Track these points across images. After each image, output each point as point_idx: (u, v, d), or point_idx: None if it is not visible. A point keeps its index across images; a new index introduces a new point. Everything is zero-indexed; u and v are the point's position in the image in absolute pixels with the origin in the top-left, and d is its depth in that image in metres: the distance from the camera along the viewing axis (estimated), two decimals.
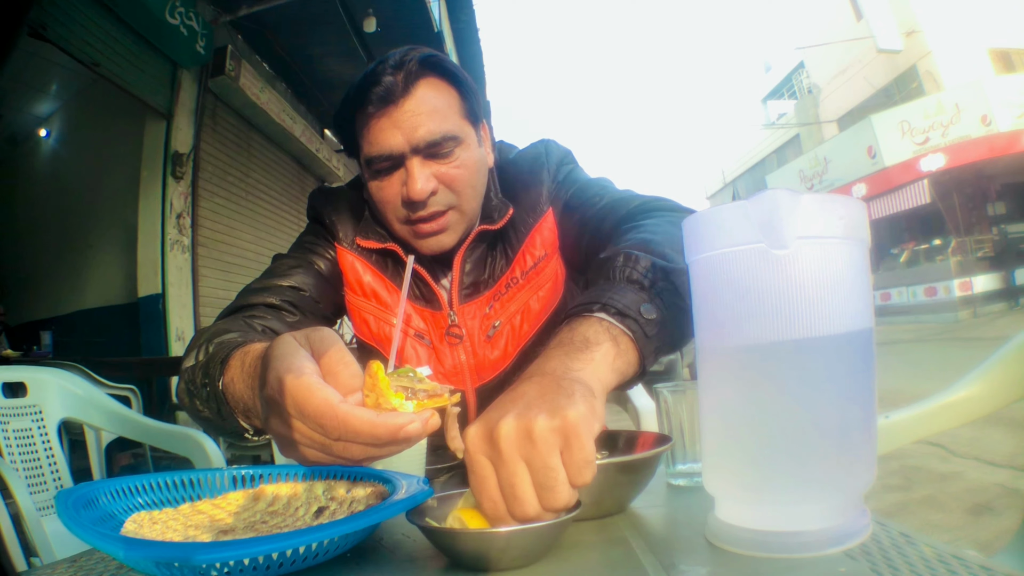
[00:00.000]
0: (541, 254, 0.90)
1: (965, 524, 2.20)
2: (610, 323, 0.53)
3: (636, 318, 0.53)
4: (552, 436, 0.41)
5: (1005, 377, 0.87)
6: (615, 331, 0.52)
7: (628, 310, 0.53)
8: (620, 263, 0.59)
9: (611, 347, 0.51)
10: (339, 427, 0.40)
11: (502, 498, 0.42)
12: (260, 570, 0.42)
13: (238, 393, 0.59)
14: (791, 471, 0.40)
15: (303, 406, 0.41)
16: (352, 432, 0.40)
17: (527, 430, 0.41)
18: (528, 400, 0.44)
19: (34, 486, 1.29)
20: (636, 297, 0.55)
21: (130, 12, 3.83)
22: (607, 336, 0.52)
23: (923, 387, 2.60)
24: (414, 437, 0.41)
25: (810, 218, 0.39)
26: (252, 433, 0.64)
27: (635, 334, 0.53)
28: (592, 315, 0.53)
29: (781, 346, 0.39)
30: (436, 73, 0.83)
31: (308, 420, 0.41)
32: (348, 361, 0.45)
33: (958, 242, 12.69)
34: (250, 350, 0.60)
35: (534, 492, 0.41)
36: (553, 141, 0.98)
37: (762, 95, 22.05)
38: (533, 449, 0.41)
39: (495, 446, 0.42)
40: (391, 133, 0.80)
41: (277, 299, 0.85)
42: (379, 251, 0.91)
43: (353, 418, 0.40)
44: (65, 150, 5.43)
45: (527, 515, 0.41)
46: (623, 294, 0.55)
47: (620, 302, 0.54)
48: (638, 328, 0.53)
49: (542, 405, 0.43)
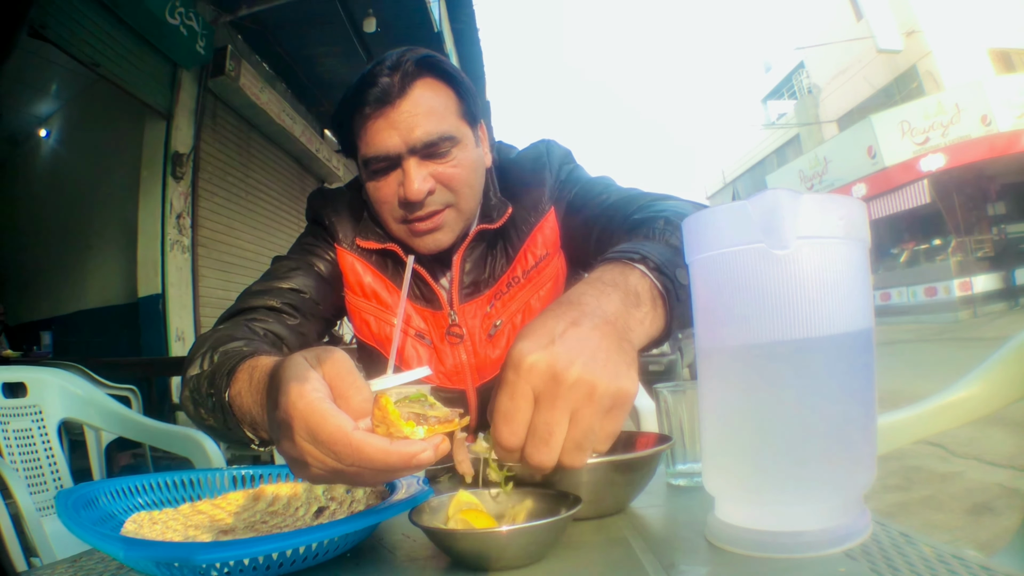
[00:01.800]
0: (543, 253, 0.90)
1: (965, 524, 2.20)
2: (652, 281, 0.52)
3: (672, 279, 0.53)
4: (608, 401, 0.41)
5: (1005, 377, 0.87)
6: (655, 292, 0.52)
7: (666, 268, 0.53)
8: (661, 226, 0.60)
9: (651, 309, 0.51)
10: (352, 455, 0.39)
11: (523, 434, 0.41)
12: (260, 570, 0.42)
13: (245, 406, 0.59)
14: (791, 471, 0.40)
15: (316, 432, 0.40)
16: (366, 460, 0.39)
17: (593, 386, 0.41)
18: (594, 350, 0.42)
19: (34, 486, 1.29)
20: (674, 260, 0.55)
21: (130, 12, 3.83)
22: (650, 296, 0.51)
23: (923, 387, 2.60)
24: (426, 465, 0.41)
25: (810, 218, 0.39)
26: (258, 444, 0.64)
27: (669, 295, 0.53)
28: (635, 265, 0.53)
29: (781, 346, 0.39)
30: (433, 74, 0.83)
31: (321, 446, 0.40)
32: (360, 385, 0.45)
33: (958, 242, 12.69)
34: (258, 364, 0.59)
35: (563, 442, 0.41)
36: (554, 141, 0.98)
37: (762, 95, 22.04)
38: (589, 406, 0.41)
39: (557, 384, 0.41)
40: (388, 134, 0.80)
41: (278, 301, 0.85)
42: (379, 251, 0.91)
43: (367, 446, 0.39)
44: (65, 150, 5.43)
45: (544, 463, 0.41)
46: (663, 253, 0.55)
47: (659, 259, 0.54)
48: (672, 290, 0.53)
49: (608, 364, 0.42)
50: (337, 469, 0.41)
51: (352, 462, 0.40)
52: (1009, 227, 13.09)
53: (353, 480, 0.42)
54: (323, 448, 0.41)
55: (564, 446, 0.41)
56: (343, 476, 0.42)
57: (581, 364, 0.41)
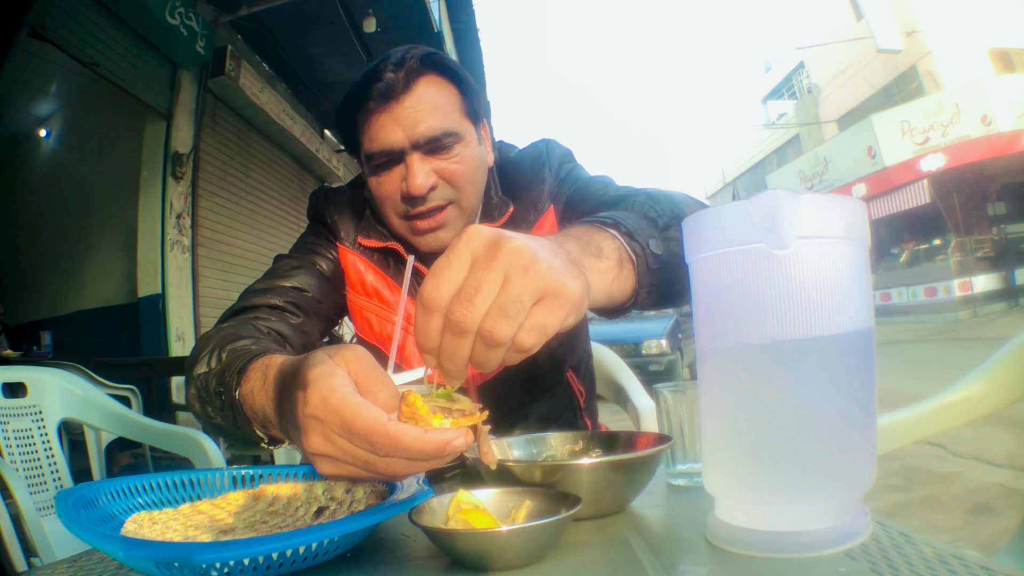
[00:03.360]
0: None
1: (965, 524, 2.20)
2: (620, 243, 0.53)
3: (643, 245, 0.54)
4: (543, 281, 0.39)
5: (1005, 377, 0.87)
6: (623, 253, 0.53)
7: (637, 235, 0.54)
8: (641, 200, 0.61)
9: (615, 266, 0.52)
10: (390, 444, 0.40)
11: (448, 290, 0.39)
12: (260, 570, 0.42)
13: (258, 405, 0.59)
14: (791, 471, 0.40)
15: (352, 425, 0.40)
16: (402, 448, 0.40)
17: (531, 257, 0.40)
18: (543, 245, 0.42)
19: (34, 486, 1.29)
20: (647, 230, 0.56)
21: (130, 12, 3.83)
22: (616, 255, 0.52)
23: (923, 387, 2.60)
24: (459, 451, 0.42)
25: (810, 218, 0.39)
26: (267, 442, 0.64)
27: (638, 259, 0.53)
28: (606, 228, 0.54)
29: (781, 346, 0.39)
30: (437, 71, 0.84)
31: (357, 438, 0.41)
32: (386, 381, 0.45)
33: (958, 242, 12.69)
34: (271, 363, 0.59)
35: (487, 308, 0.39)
36: (554, 140, 0.98)
37: (762, 95, 22.04)
38: (523, 276, 0.39)
39: (496, 248, 0.40)
40: (392, 129, 0.81)
41: (280, 300, 0.86)
42: (381, 250, 0.92)
43: (404, 435, 0.40)
44: (65, 150, 5.43)
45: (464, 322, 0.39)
46: (637, 222, 0.56)
47: (631, 225, 0.55)
48: (642, 255, 0.54)
49: (554, 259, 0.42)
50: (369, 461, 0.42)
51: (388, 452, 0.40)
52: (1009, 227, 13.09)
53: (385, 471, 0.42)
54: (358, 440, 0.41)
55: (489, 310, 0.39)
56: (374, 468, 0.42)
57: (523, 240, 0.40)
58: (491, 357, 0.40)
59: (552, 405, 0.94)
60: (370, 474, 0.44)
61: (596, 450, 0.65)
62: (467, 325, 0.39)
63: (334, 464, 0.44)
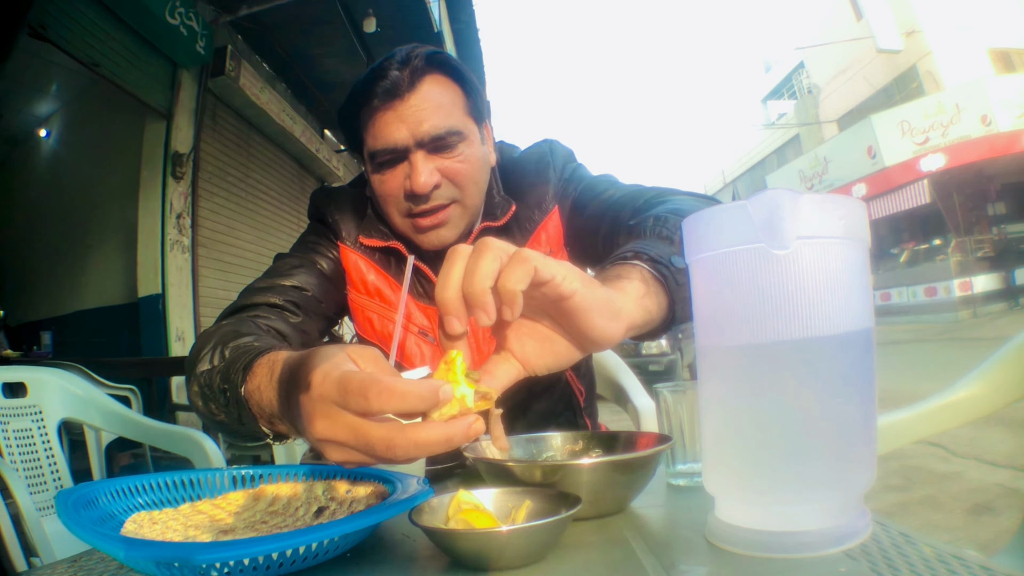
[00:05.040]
0: (547, 251, 0.90)
1: (965, 524, 2.20)
2: (643, 268, 0.54)
3: (667, 265, 0.55)
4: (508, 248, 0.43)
5: (1005, 377, 0.87)
6: (647, 274, 0.54)
7: (660, 258, 0.55)
8: (650, 224, 0.62)
9: (640, 284, 0.52)
10: (383, 392, 0.39)
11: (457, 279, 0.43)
12: (260, 570, 0.42)
13: (264, 400, 0.58)
14: (791, 471, 0.40)
15: (348, 384, 0.40)
16: (398, 395, 0.38)
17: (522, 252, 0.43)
18: None
19: (34, 486, 1.29)
20: (667, 249, 0.57)
21: (130, 12, 3.83)
22: (638, 275, 0.53)
23: (923, 387, 2.60)
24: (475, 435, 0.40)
25: (810, 218, 0.39)
26: (273, 438, 0.63)
27: (667, 279, 0.54)
28: (626, 262, 0.55)
29: (781, 346, 0.39)
30: (441, 70, 0.84)
31: (352, 398, 0.39)
32: (394, 371, 0.45)
33: (958, 242, 12.69)
34: (278, 358, 0.58)
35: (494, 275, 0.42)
36: (556, 141, 0.98)
37: (762, 95, 22.06)
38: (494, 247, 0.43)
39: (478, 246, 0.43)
40: (396, 127, 0.81)
41: (280, 299, 0.86)
42: (382, 249, 0.92)
43: (398, 381, 0.39)
44: (65, 150, 5.43)
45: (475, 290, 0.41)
46: (654, 246, 0.57)
47: (651, 251, 0.56)
48: (669, 275, 0.54)
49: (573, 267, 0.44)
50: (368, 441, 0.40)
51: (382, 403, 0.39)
52: (1009, 227, 13.10)
53: (384, 455, 0.40)
54: (353, 401, 0.39)
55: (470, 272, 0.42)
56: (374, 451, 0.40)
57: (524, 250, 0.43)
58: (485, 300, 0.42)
59: (551, 404, 0.94)
60: (373, 457, 0.42)
61: (596, 450, 0.65)
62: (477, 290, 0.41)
63: (340, 449, 0.43)
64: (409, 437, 0.40)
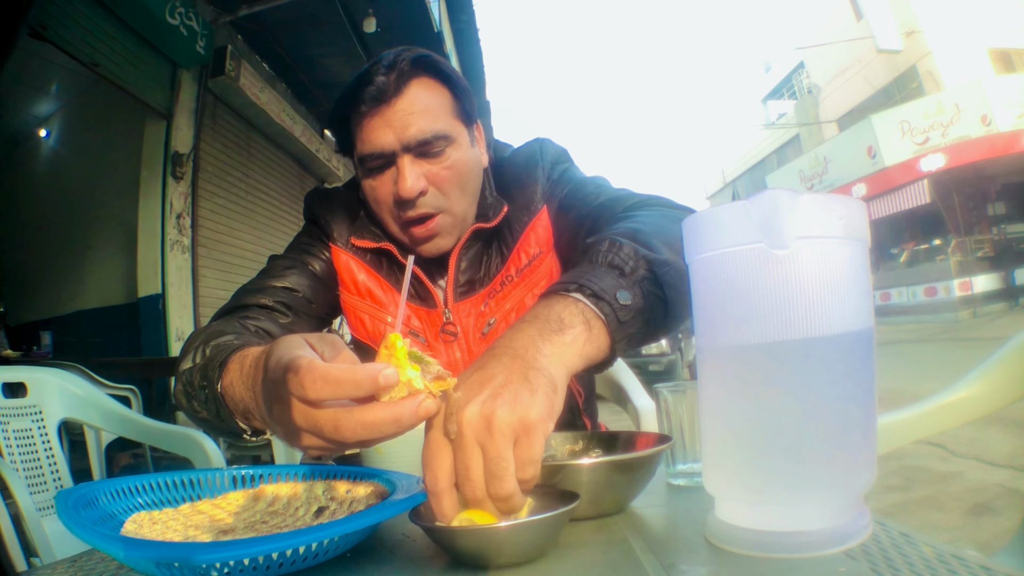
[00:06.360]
0: (536, 252, 0.90)
1: (965, 524, 2.20)
2: (585, 305, 0.53)
3: (611, 302, 0.54)
4: (509, 430, 0.44)
5: (1005, 377, 0.87)
6: (589, 314, 0.53)
7: (604, 293, 0.54)
8: (604, 248, 0.60)
9: (583, 331, 0.52)
10: (318, 379, 0.40)
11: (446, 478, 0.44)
12: (260, 570, 0.42)
13: (237, 395, 0.59)
14: (791, 471, 0.40)
15: (290, 369, 0.41)
16: (332, 381, 0.39)
17: (488, 420, 0.44)
18: (495, 387, 0.45)
19: (34, 486, 1.29)
20: (614, 283, 0.56)
21: (130, 12, 3.83)
22: (581, 319, 0.52)
23: (923, 387, 2.60)
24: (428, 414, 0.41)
25: (810, 218, 0.39)
26: (251, 434, 0.64)
27: (608, 318, 0.53)
28: (568, 295, 0.54)
29: (781, 346, 0.39)
30: (428, 73, 0.84)
31: (293, 383, 0.41)
32: (353, 358, 0.46)
33: (958, 242, 12.69)
34: (248, 353, 0.60)
35: (483, 477, 0.44)
36: (548, 140, 0.98)
37: (762, 95, 22.04)
38: (490, 439, 0.43)
39: (462, 427, 0.44)
40: (383, 132, 0.81)
41: (271, 300, 0.86)
42: (374, 250, 0.92)
43: (333, 368, 0.40)
44: (65, 150, 5.42)
45: (475, 496, 0.44)
46: (602, 278, 0.56)
47: (597, 284, 0.54)
48: (611, 313, 0.54)
49: (505, 396, 0.45)
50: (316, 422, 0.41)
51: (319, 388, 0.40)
52: (1009, 227, 13.10)
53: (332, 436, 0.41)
54: (296, 386, 0.41)
55: (485, 479, 0.44)
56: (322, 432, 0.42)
57: (476, 403, 0.44)
58: (513, 503, 0.44)
59: None
60: (323, 439, 0.43)
61: (596, 450, 0.65)
62: (478, 496, 0.44)
63: (295, 433, 0.44)
64: (355, 417, 0.41)
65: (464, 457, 0.44)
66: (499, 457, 0.43)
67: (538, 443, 0.44)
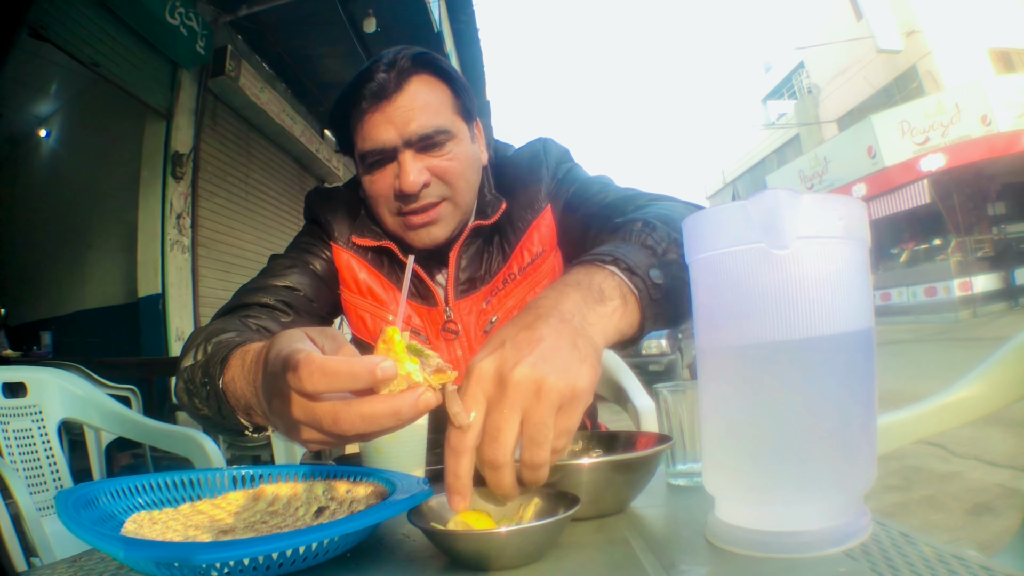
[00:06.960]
0: (539, 250, 0.90)
1: (965, 524, 2.20)
2: (621, 279, 0.54)
3: (644, 279, 0.55)
4: (558, 397, 0.43)
5: (1005, 377, 0.87)
6: (625, 288, 0.54)
7: (638, 269, 0.55)
8: (638, 228, 0.62)
9: (620, 304, 0.52)
10: (315, 371, 0.39)
11: (475, 436, 0.43)
12: (260, 570, 0.42)
13: (239, 391, 0.60)
14: (791, 471, 0.40)
15: (288, 363, 0.40)
16: (329, 373, 0.39)
17: (539, 384, 0.43)
18: (545, 349, 0.44)
19: (34, 486, 1.29)
20: (647, 260, 0.56)
21: (130, 12, 3.83)
22: (619, 293, 0.53)
23: (923, 387, 2.60)
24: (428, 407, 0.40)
25: (810, 218, 0.39)
26: (252, 430, 0.64)
27: (640, 294, 0.54)
28: (605, 266, 0.55)
29: (781, 346, 0.39)
30: (428, 70, 0.85)
31: (291, 376, 0.40)
32: (354, 351, 0.45)
33: (958, 242, 12.69)
34: (249, 349, 0.60)
35: (512, 440, 0.43)
36: (551, 139, 0.98)
37: (762, 95, 22.05)
38: (537, 403, 0.42)
39: (503, 387, 0.43)
40: (384, 128, 0.81)
41: (272, 299, 0.86)
42: (375, 249, 0.92)
43: (329, 360, 0.39)
44: (65, 150, 5.42)
45: (496, 460, 0.43)
46: (636, 254, 0.56)
47: (632, 259, 0.55)
48: (644, 289, 0.54)
49: (556, 360, 0.44)
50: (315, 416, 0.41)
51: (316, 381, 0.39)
52: (1009, 227, 13.09)
53: (331, 429, 0.41)
54: (295, 380, 0.40)
55: (522, 443, 0.43)
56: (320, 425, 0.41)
57: (528, 364, 0.43)
58: (541, 474, 0.44)
59: None
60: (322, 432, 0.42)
61: (596, 450, 0.65)
62: (500, 461, 0.43)
63: (295, 427, 0.43)
64: (354, 410, 0.40)
65: (499, 418, 0.42)
66: (543, 424, 0.42)
67: (579, 414, 0.44)
